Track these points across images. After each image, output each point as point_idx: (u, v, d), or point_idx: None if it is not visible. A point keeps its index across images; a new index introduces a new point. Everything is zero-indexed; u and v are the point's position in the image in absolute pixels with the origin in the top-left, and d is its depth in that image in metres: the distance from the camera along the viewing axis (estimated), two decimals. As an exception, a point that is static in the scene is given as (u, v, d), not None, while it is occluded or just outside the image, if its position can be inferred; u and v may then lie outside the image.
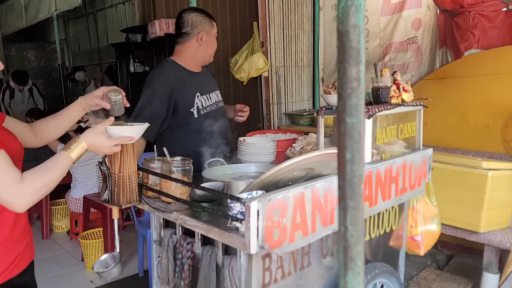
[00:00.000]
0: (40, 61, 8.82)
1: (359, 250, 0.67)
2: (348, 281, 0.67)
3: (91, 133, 1.41)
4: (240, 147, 2.14)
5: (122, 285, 3.15)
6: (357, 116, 0.64)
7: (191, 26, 2.23)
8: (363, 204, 1.62)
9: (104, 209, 3.18)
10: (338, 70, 0.64)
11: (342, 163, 0.65)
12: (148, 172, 1.75)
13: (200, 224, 1.54)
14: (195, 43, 2.26)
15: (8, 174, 1.22)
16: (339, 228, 0.67)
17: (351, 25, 0.61)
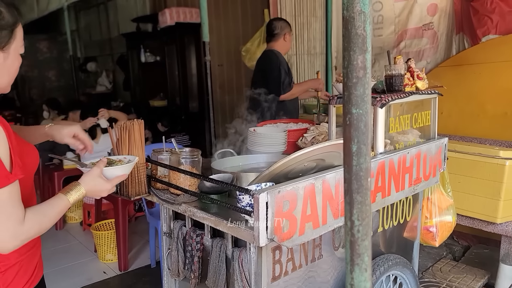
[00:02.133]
0: (52, 52, 8.86)
1: (366, 245, 0.64)
2: (355, 277, 0.64)
3: (90, 179, 1.37)
4: (251, 137, 2.11)
5: (135, 276, 3.17)
6: (363, 106, 0.60)
7: (280, 29, 3.24)
8: (375, 195, 1.57)
9: (115, 200, 3.19)
10: (343, 59, 0.60)
11: (348, 155, 0.61)
12: (157, 163, 1.73)
13: (209, 216, 1.52)
14: (281, 41, 3.27)
15: (14, 211, 1.11)
16: (345, 223, 0.63)
17: (357, 11, 0.58)
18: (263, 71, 3.22)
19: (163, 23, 5.72)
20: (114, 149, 1.70)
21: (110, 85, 8.27)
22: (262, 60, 3.30)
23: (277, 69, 3.10)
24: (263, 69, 3.22)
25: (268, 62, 3.18)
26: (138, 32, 6.58)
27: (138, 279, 3.12)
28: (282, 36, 3.28)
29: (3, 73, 1.24)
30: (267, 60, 3.20)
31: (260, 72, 3.24)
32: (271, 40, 3.31)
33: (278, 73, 3.09)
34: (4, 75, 1.24)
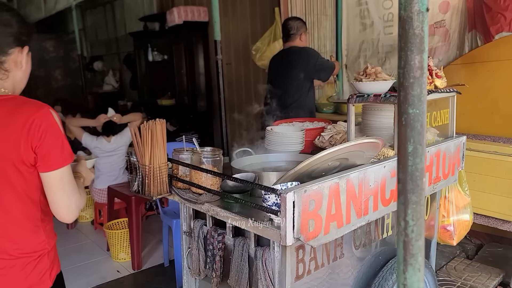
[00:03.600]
0: (59, 51, 8.88)
1: (420, 246, 0.64)
2: (408, 277, 0.64)
3: (86, 170, 1.55)
4: (268, 136, 2.11)
5: (148, 275, 3.18)
6: (420, 106, 0.60)
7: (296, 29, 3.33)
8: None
9: (128, 199, 3.20)
10: (400, 59, 0.60)
11: (403, 155, 0.61)
12: (179, 163, 1.73)
13: (233, 215, 1.52)
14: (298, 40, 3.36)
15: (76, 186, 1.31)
16: (399, 223, 0.63)
17: (415, 11, 0.57)
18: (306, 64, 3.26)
19: (171, 22, 5.72)
20: (136, 149, 1.70)
21: (117, 84, 8.28)
22: (297, 56, 3.30)
23: (320, 56, 3.35)
24: (306, 62, 3.26)
25: (309, 55, 3.29)
26: (146, 31, 6.58)
27: (152, 278, 3.13)
28: (298, 36, 3.33)
29: (25, 77, 1.37)
30: (307, 53, 3.30)
31: (300, 66, 3.27)
32: (288, 40, 3.35)
33: (323, 58, 3.37)
34: (26, 78, 1.38)
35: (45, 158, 1.22)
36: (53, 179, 1.24)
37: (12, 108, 1.22)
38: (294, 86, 3.28)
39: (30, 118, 1.19)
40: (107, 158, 3.75)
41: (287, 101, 3.29)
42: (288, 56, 3.31)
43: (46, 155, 1.22)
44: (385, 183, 1.65)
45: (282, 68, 3.32)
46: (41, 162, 1.22)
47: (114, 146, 3.74)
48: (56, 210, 1.28)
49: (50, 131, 1.22)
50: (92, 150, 3.76)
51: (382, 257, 1.93)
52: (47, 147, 1.21)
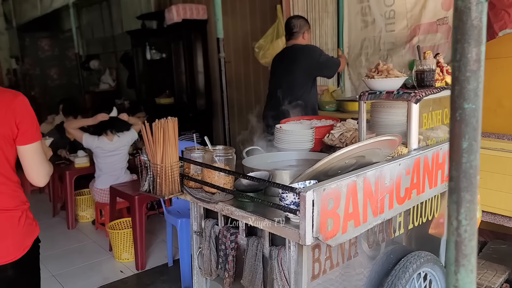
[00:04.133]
0: (54, 50, 8.79)
1: (473, 246, 0.62)
2: (459, 278, 0.62)
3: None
4: (278, 134, 2.09)
5: (153, 275, 3.15)
6: (476, 101, 0.58)
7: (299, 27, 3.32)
8: (411, 192, 1.55)
9: (132, 199, 3.16)
10: (455, 51, 0.58)
11: (457, 152, 0.59)
12: (191, 162, 1.70)
13: (248, 215, 1.50)
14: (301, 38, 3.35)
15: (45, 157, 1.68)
16: (450, 223, 0.61)
17: (473, 2, 0.55)
18: (309, 62, 3.23)
19: (169, 20, 5.68)
20: (147, 147, 1.67)
21: (114, 83, 8.21)
22: (300, 53, 3.27)
23: (323, 53, 3.33)
24: (309, 60, 3.24)
25: (312, 52, 3.26)
26: (144, 29, 6.53)
27: (156, 278, 3.10)
28: (301, 34, 3.32)
29: None
30: (310, 51, 3.27)
31: (303, 64, 3.23)
32: (290, 38, 3.33)
33: (326, 55, 3.36)
34: None
35: (24, 134, 1.57)
36: (29, 150, 1.59)
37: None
38: (297, 84, 3.27)
39: (13, 103, 1.53)
40: (109, 157, 3.71)
41: (290, 99, 3.27)
42: (291, 54, 3.29)
43: (26, 132, 1.56)
44: (400, 181, 1.63)
45: (284, 66, 3.29)
46: (21, 137, 1.56)
47: (115, 146, 3.70)
48: (31, 175, 1.66)
49: (28, 113, 1.58)
50: (94, 150, 3.72)
51: (393, 256, 1.92)
52: (26, 125, 1.56)
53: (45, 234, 3.95)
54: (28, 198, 1.76)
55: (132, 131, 3.85)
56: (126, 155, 3.83)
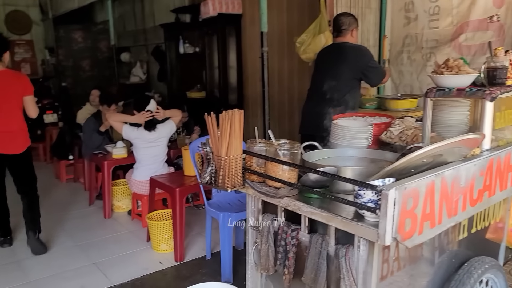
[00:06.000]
0: (87, 42, 8.90)
1: None
2: None
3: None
4: (335, 130, 2.04)
5: (191, 267, 3.14)
6: None
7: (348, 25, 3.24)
8: (483, 194, 1.48)
9: (173, 191, 3.16)
10: None
11: None
12: (257, 155, 1.67)
13: (318, 211, 1.46)
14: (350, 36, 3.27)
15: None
16: None
17: None
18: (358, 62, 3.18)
19: (204, 14, 5.66)
20: (212, 139, 1.65)
21: (144, 76, 8.27)
22: (350, 52, 3.19)
23: (373, 59, 3.28)
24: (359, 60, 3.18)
25: (363, 54, 3.22)
26: (177, 23, 6.53)
27: (195, 270, 3.09)
28: (349, 32, 3.24)
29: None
30: (361, 52, 3.23)
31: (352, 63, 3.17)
32: (339, 35, 3.26)
33: (375, 61, 3.33)
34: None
35: (26, 91, 3.28)
36: (29, 99, 3.30)
37: (10, 73, 3.28)
38: (343, 82, 3.19)
39: (22, 76, 3.36)
40: (148, 149, 3.72)
41: (334, 96, 3.21)
42: (340, 51, 3.22)
43: (28, 90, 3.30)
44: (474, 182, 1.57)
45: (332, 63, 3.22)
46: (25, 92, 3.27)
47: (155, 137, 3.71)
48: (30, 112, 3.32)
49: (29, 82, 3.33)
50: (133, 141, 3.74)
51: (456, 260, 1.85)
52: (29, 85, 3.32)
53: (82, 222, 4.05)
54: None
55: (170, 123, 3.85)
56: (165, 147, 3.83)
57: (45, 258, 3.30)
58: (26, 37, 9.70)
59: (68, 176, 5.47)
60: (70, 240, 3.63)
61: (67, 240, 3.63)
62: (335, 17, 3.32)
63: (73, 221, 4.07)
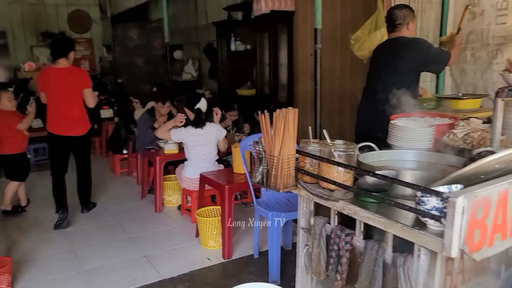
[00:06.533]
0: (142, 39, 9.18)
1: None
2: None
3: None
4: (393, 131, 1.94)
5: (239, 265, 3.14)
6: None
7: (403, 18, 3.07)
8: None
9: (222, 188, 3.17)
10: None
11: None
12: (311, 156, 1.62)
13: (376, 217, 1.38)
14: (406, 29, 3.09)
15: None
16: None
17: None
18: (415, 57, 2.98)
19: (257, 11, 5.65)
20: (265, 137, 1.61)
21: (196, 73, 8.41)
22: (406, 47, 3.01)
23: (432, 47, 3.08)
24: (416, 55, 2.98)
25: (419, 46, 3.01)
26: (229, 20, 6.57)
27: (243, 268, 3.09)
28: (405, 25, 3.06)
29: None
30: (417, 45, 3.02)
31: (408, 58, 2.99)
32: (393, 30, 3.10)
33: (435, 49, 3.12)
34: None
35: (85, 84, 3.89)
36: (88, 91, 3.92)
37: (73, 69, 3.91)
38: (399, 80, 3.04)
39: (83, 72, 4.05)
40: (198, 147, 3.77)
41: (390, 95, 3.07)
42: (395, 47, 3.06)
43: (87, 83, 3.91)
44: (551, 191, 1.42)
45: (387, 60, 3.08)
46: (85, 85, 3.90)
47: (202, 134, 3.76)
48: (88, 103, 3.94)
49: (88, 76, 3.99)
50: (184, 141, 3.82)
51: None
52: (88, 79, 3.95)
53: (134, 215, 4.17)
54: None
55: (219, 128, 3.89)
56: (214, 147, 3.87)
57: (99, 248, 3.43)
58: (86, 35, 10.17)
59: (122, 170, 5.67)
60: (123, 232, 3.74)
61: (120, 232, 3.75)
62: (389, 11, 3.15)
63: (126, 214, 4.20)
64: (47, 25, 9.62)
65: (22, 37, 9.44)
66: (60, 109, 3.84)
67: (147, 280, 2.92)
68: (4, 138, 4.03)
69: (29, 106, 4.11)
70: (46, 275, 2.99)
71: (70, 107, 3.86)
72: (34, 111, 4.13)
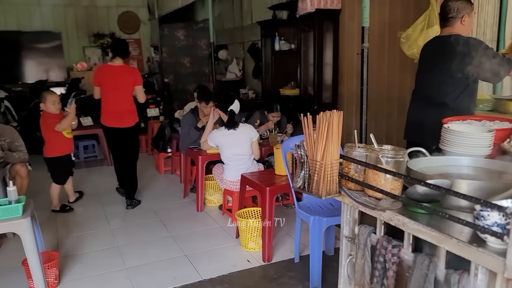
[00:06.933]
0: (188, 40, 9.33)
1: None
2: None
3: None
4: (447, 136, 1.80)
5: (279, 268, 3.08)
6: None
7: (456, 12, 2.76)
8: None
9: (263, 190, 3.12)
10: None
11: None
12: (356, 161, 1.53)
13: (427, 230, 1.27)
14: (459, 25, 2.78)
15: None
16: None
17: None
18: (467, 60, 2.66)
19: (302, 10, 5.56)
20: (307, 141, 1.54)
21: (240, 72, 8.43)
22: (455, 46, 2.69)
23: (488, 51, 2.64)
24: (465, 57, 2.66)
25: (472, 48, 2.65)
26: (274, 20, 6.52)
27: (283, 272, 3.02)
28: (459, 19, 2.73)
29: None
30: (470, 45, 2.66)
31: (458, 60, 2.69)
32: (445, 26, 2.80)
33: (493, 54, 2.64)
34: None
35: (136, 82, 4.28)
36: (139, 88, 4.30)
37: (126, 67, 4.30)
38: (450, 82, 2.76)
39: (134, 70, 4.42)
40: (231, 148, 3.79)
41: (441, 99, 2.83)
42: (443, 46, 2.78)
43: (138, 81, 4.30)
44: None
45: (434, 60, 2.81)
46: (136, 83, 4.28)
47: (237, 135, 3.75)
48: (139, 98, 4.34)
49: (139, 74, 4.39)
50: (219, 144, 3.84)
51: None
52: (139, 77, 4.35)
53: (176, 213, 4.21)
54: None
55: (253, 130, 3.87)
56: (249, 147, 3.86)
57: (142, 246, 3.48)
58: (134, 36, 10.48)
59: (166, 168, 5.76)
60: (165, 230, 3.79)
61: (162, 230, 3.80)
62: (442, 3, 2.85)
63: (168, 212, 4.25)
64: (99, 27, 10.00)
65: (75, 38, 9.88)
66: (113, 103, 4.23)
67: (187, 280, 2.93)
68: (45, 140, 4.10)
69: (68, 108, 4.06)
70: (91, 271, 3.07)
71: (122, 101, 4.24)
72: (73, 112, 4.09)
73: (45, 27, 9.46)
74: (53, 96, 4.07)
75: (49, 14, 9.49)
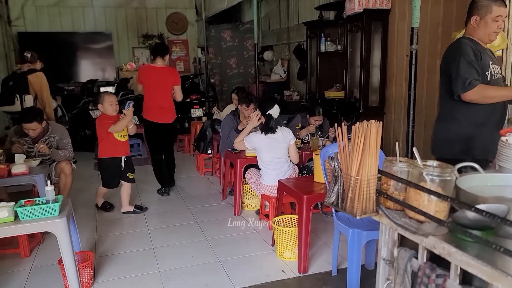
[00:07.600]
0: (234, 41, 9.34)
1: None
2: None
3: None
4: (504, 150, 1.59)
5: (315, 281, 2.94)
6: None
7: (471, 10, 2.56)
8: None
9: (300, 198, 2.99)
10: None
11: None
12: (395, 178, 1.38)
13: (478, 263, 1.10)
14: (470, 25, 2.59)
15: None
16: None
17: None
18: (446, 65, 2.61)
19: (350, 10, 5.36)
20: (341, 154, 1.40)
21: (284, 74, 8.31)
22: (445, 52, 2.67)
23: (456, 61, 2.45)
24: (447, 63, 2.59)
25: (448, 52, 2.60)
26: (320, 20, 6.36)
27: (319, 286, 2.88)
28: (469, 19, 2.57)
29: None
30: (449, 50, 2.61)
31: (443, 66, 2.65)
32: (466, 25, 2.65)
33: (457, 66, 2.43)
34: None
35: (176, 82, 4.73)
36: (177, 87, 4.75)
37: (167, 68, 4.76)
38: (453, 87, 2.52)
39: (174, 71, 4.83)
40: (269, 151, 3.70)
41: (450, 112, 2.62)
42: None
43: (177, 81, 4.75)
44: None
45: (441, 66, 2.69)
46: (175, 82, 4.73)
47: (274, 138, 3.65)
48: (177, 97, 4.80)
49: (178, 75, 4.81)
50: (256, 146, 3.77)
51: None
52: (178, 78, 4.77)
53: (214, 217, 4.16)
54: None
55: (289, 132, 3.76)
56: (286, 150, 3.75)
57: (177, 249, 3.46)
58: (182, 37, 10.64)
59: (206, 169, 5.76)
60: (201, 234, 3.75)
61: (199, 233, 3.76)
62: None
63: (205, 215, 4.22)
64: (148, 28, 10.24)
65: (125, 39, 10.17)
66: (156, 101, 4.65)
67: (219, 287, 2.86)
68: (99, 141, 4.12)
69: (125, 110, 3.98)
70: (125, 272, 3.08)
71: (163, 99, 4.66)
72: (130, 116, 4.01)
73: (97, 28, 9.82)
74: (110, 97, 4.03)
75: (101, 15, 9.84)
